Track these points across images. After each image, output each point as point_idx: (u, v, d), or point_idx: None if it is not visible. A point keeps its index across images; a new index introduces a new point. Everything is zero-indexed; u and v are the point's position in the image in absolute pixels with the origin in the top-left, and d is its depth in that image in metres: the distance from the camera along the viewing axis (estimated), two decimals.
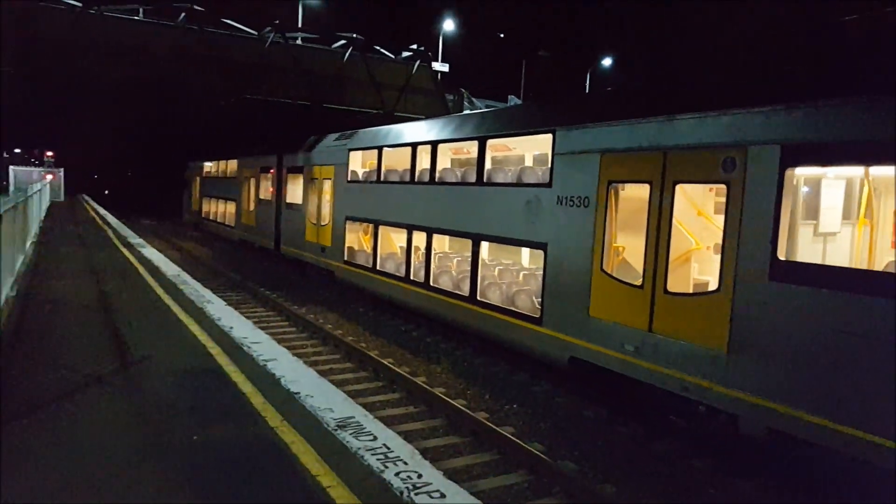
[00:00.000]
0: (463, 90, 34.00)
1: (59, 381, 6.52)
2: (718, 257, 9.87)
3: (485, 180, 12.66)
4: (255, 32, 28.24)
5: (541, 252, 10.92)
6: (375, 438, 4.73)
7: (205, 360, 7.35)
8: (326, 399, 5.58)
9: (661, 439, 9.04)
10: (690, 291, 8.77)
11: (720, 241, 8.04)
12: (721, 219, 10.01)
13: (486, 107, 31.11)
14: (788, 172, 7.08)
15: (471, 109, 33.35)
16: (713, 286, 8.08)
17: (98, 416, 5.67)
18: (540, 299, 10.95)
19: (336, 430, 4.87)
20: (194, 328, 8.76)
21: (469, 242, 13.03)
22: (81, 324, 9.09)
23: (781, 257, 7.13)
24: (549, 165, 10.74)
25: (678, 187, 8.46)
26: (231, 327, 8.48)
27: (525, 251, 14.22)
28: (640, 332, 8.80)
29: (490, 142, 12.71)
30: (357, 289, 18.08)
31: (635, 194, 9.71)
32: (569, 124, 10.31)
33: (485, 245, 12.79)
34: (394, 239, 18.19)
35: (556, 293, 10.46)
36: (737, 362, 7.54)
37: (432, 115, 29.95)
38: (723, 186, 9.02)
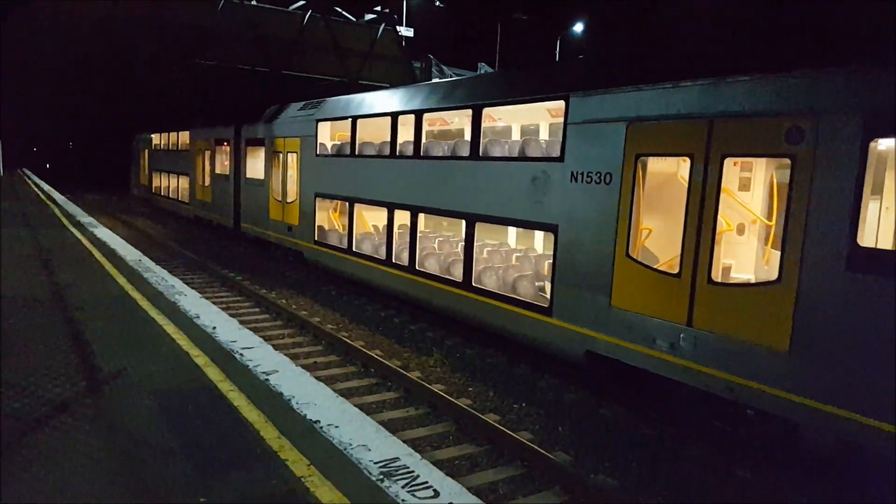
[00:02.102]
0: (431, 57, 32.47)
1: (5, 412, 5.01)
2: (760, 242, 9.11)
3: (480, 154, 11.46)
4: None
5: (550, 235, 9.83)
6: (437, 494, 3.59)
7: (192, 374, 5.98)
8: (356, 430, 4.43)
9: (694, 444, 8.14)
10: (741, 282, 7.81)
11: (779, 224, 7.09)
12: (754, 197, 9.28)
13: (456, 75, 29.76)
14: (873, 145, 6.10)
15: (440, 78, 31.93)
16: (771, 276, 7.13)
17: (65, 464, 4.26)
18: (549, 287, 9.88)
19: (382, 479, 3.73)
20: (170, 329, 7.35)
21: (462, 223, 11.87)
22: (34, 327, 7.44)
23: (862, 244, 6.18)
24: (561, 137, 9.60)
25: (727, 161, 7.43)
26: (214, 327, 7.17)
27: (530, 233, 13.15)
28: (676, 326, 7.82)
29: (486, 111, 11.48)
30: (330, 271, 16.77)
31: (671, 170, 8.69)
32: (586, 89, 9.17)
33: (482, 226, 11.62)
34: (372, 218, 16.92)
35: (570, 281, 9.41)
36: (801, 363, 6.62)
37: (399, 83, 28.49)
38: (771, 160, 8.16)
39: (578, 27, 39.56)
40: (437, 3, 46.94)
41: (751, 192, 9.23)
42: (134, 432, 4.70)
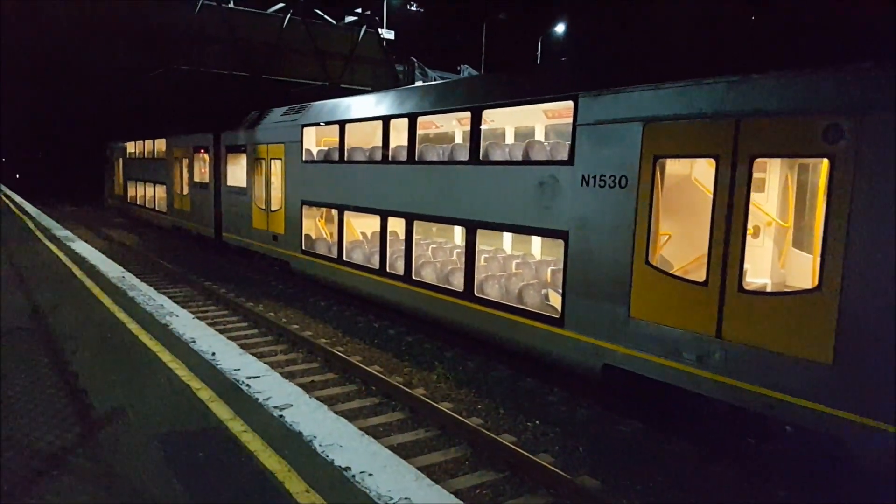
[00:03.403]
0: (414, 59, 31.89)
1: None
2: (777, 245, 8.72)
3: (481, 158, 10.95)
4: None
5: (560, 242, 9.34)
6: None
7: (197, 412, 5.31)
8: (393, 478, 3.89)
9: (719, 461, 7.70)
10: (775, 290, 7.39)
11: (804, 227, 6.69)
12: (769, 199, 8.90)
13: (442, 79, 29.22)
14: None
15: (423, 80, 31.38)
16: (808, 283, 6.71)
17: None
18: (560, 297, 9.40)
19: None
20: (166, 357, 6.65)
21: (462, 230, 11.36)
22: (15, 358, 6.63)
23: None
24: (570, 138, 9.13)
25: (757, 162, 7.01)
26: (213, 353, 6.54)
27: (527, 238, 12.66)
28: (704, 337, 7.37)
29: (486, 113, 10.98)
30: (318, 281, 16.15)
31: (692, 172, 8.26)
32: (596, 88, 8.71)
33: (483, 233, 11.11)
34: (363, 226, 16.34)
35: (583, 290, 8.93)
36: (847, 376, 6.20)
37: (382, 86, 27.87)
38: (790, 161, 7.78)
39: (560, 28, 39.35)
40: (413, 7, 46.45)
41: (765, 193, 8.86)
42: (139, 488, 4.03)
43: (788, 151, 6.96)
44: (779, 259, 8.77)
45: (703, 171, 8.69)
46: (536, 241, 13.44)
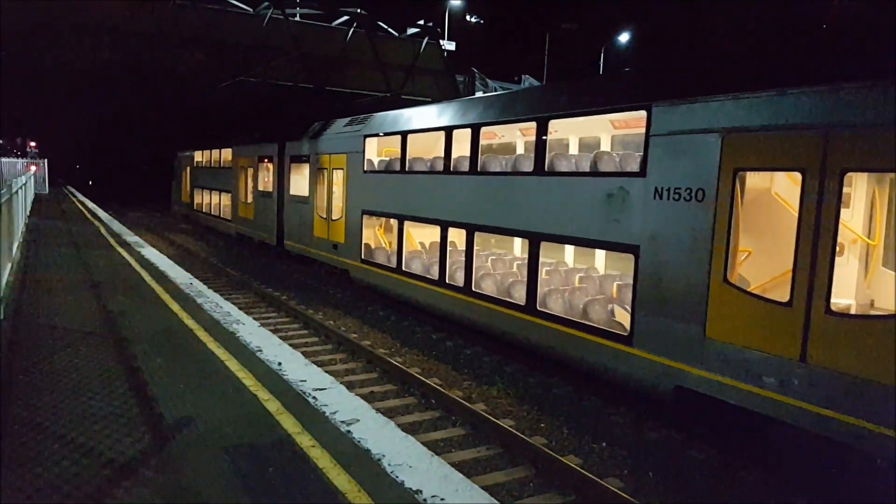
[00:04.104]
0: (475, 70, 31.81)
1: (64, 477, 4.26)
2: (861, 263, 8.21)
3: (546, 169, 10.71)
4: (251, 9, 25.92)
5: (630, 256, 9.01)
6: None
7: (265, 424, 5.26)
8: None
9: (801, 493, 7.23)
10: (868, 312, 6.92)
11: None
12: (854, 215, 8.39)
13: (503, 89, 29.06)
14: None
15: (484, 91, 31.27)
16: None
17: None
18: (630, 314, 9.05)
19: None
20: (233, 365, 6.66)
21: (526, 243, 11.11)
22: (87, 364, 6.77)
23: None
24: (643, 149, 8.81)
25: (850, 176, 6.58)
26: (279, 363, 6.49)
27: (590, 251, 12.32)
28: (787, 361, 6.94)
29: (553, 123, 10.73)
30: (376, 290, 16.12)
31: (773, 186, 7.86)
32: (672, 97, 8.38)
33: (545, 246, 10.85)
34: (423, 236, 16.26)
35: (654, 307, 8.57)
36: None
37: (443, 97, 27.90)
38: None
39: (624, 37, 38.66)
40: (472, 19, 46.48)
41: (850, 208, 8.36)
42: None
43: (883, 166, 6.51)
44: (864, 279, 8.26)
45: (783, 185, 8.27)
46: (600, 254, 13.09)
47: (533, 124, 10.94)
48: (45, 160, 54.21)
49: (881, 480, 6.69)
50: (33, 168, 49.38)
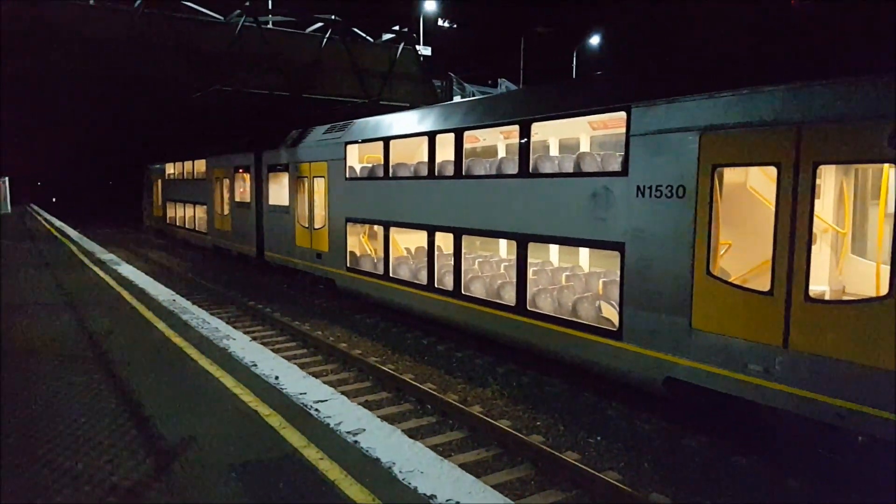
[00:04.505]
0: (452, 75, 31.95)
1: None
2: (835, 252, 8.49)
3: (531, 170, 10.89)
4: (222, 17, 25.75)
5: (616, 254, 9.22)
6: None
7: (270, 440, 5.24)
8: None
9: (791, 474, 7.49)
10: (841, 298, 7.20)
11: (881, 234, 6.51)
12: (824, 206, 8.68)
13: (480, 93, 29.22)
14: None
15: (462, 96, 31.44)
16: (873, 290, 6.53)
17: None
18: (618, 310, 9.27)
19: None
20: (229, 382, 6.68)
21: (513, 244, 11.29)
22: (76, 387, 6.60)
23: None
24: (624, 149, 9.03)
25: (820, 169, 6.84)
26: (277, 377, 6.56)
27: (574, 250, 12.54)
28: (770, 348, 7.20)
29: (535, 126, 10.91)
30: (363, 298, 16.19)
31: (747, 180, 8.11)
32: (650, 98, 8.61)
33: (534, 246, 11.04)
34: (409, 242, 16.37)
35: (642, 302, 8.79)
36: None
37: (420, 102, 27.99)
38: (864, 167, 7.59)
39: (595, 39, 39.08)
40: (445, 24, 46.59)
41: (821, 199, 8.65)
42: None
43: (852, 158, 6.78)
44: (836, 266, 8.55)
45: (758, 179, 8.54)
46: (584, 252, 13.33)
47: (516, 127, 11.12)
48: (6, 179, 53.18)
49: (864, 457, 6.97)
50: None
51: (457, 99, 29.87)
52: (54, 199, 66.46)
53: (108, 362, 7.66)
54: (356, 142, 16.22)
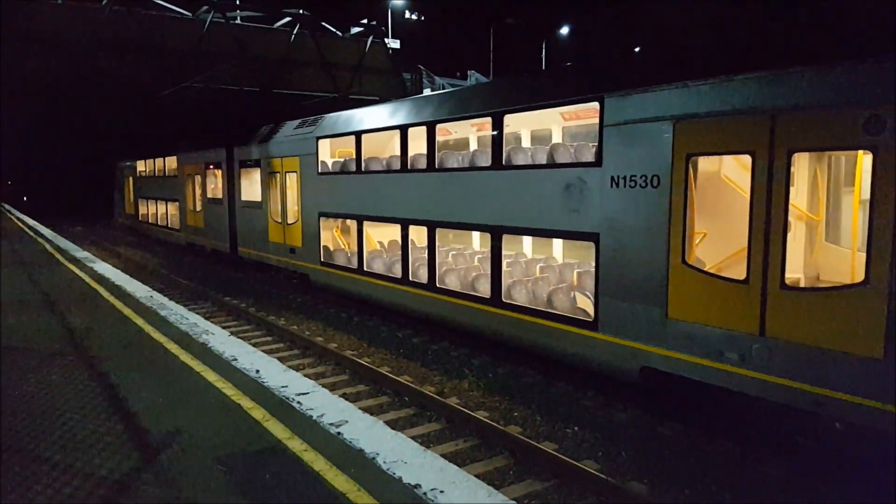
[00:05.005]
0: (422, 68, 31.90)
1: (58, 499, 4.20)
2: (810, 239, 8.61)
3: (504, 163, 10.89)
4: (189, 13, 25.41)
5: (591, 244, 9.26)
6: None
7: (254, 432, 5.24)
8: (464, 495, 3.81)
9: (768, 460, 7.59)
10: (820, 285, 7.30)
11: (856, 221, 6.61)
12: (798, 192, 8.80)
13: (450, 86, 29.19)
14: None
15: (431, 88, 31.38)
16: (849, 277, 6.63)
17: None
18: (593, 300, 9.32)
19: None
20: (211, 377, 6.59)
21: (487, 236, 11.29)
22: (59, 384, 6.56)
23: None
24: (598, 140, 9.06)
25: (795, 157, 6.93)
26: (258, 370, 6.49)
27: (547, 241, 12.57)
28: (746, 336, 7.28)
29: (507, 117, 10.91)
30: (338, 292, 16.10)
31: (721, 169, 8.19)
32: (623, 88, 8.64)
33: (508, 238, 11.05)
34: (382, 235, 16.29)
35: (617, 292, 8.84)
36: None
37: (391, 95, 27.88)
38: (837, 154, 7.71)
39: (564, 30, 39.29)
40: (413, 17, 46.51)
41: (794, 187, 8.76)
42: None
43: (827, 145, 6.88)
44: (811, 253, 8.68)
45: (733, 168, 8.62)
46: (557, 243, 13.37)
47: (488, 119, 11.10)
48: None
49: (840, 444, 7.09)
50: None
51: (427, 91, 29.81)
52: (25, 198, 65.05)
53: (89, 359, 7.56)
54: (328, 136, 16.10)
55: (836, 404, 6.61)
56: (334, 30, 28.35)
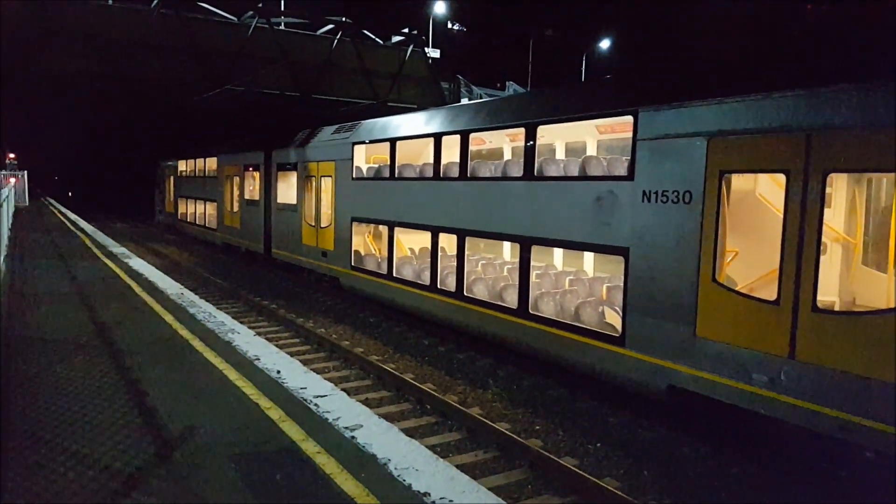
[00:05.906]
0: (460, 77, 32.00)
1: (71, 489, 4.24)
2: (846, 263, 8.39)
3: (536, 173, 10.84)
4: (235, 18, 25.91)
5: (620, 258, 9.15)
6: None
7: (269, 432, 5.28)
8: None
9: (793, 486, 7.39)
10: (853, 309, 7.10)
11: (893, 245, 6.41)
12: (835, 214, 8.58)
13: (488, 96, 29.26)
14: None
15: (469, 98, 31.47)
16: (884, 303, 6.43)
17: None
18: (621, 315, 9.19)
19: None
20: (232, 375, 6.69)
21: (517, 247, 11.24)
22: (84, 375, 6.69)
23: None
24: (630, 154, 8.96)
25: (831, 177, 6.76)
26: (279, 371, 6.55)
27: (578, 254, 12.46)
28: (776, 358, 7.10)
29: (541, 129, 10.85)
30: (367, 297, 16.18)
31: (756, 187, 8.03)
32: (658, 103, 8.54)
33: (538, 250, 10.98)
34: (413, 242, 16.34)
35: (645, 308, 8.71)
36: None
37: (428, 104, 28.03)
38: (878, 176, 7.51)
39: (605, 43, 39.06)
40: (455, 27, 46.76)
41: (831, 209, 8.55)
42: None
43: (864, 166, 6.69)
44: (847, 277, 8.45)
45: (767, 187, 8.45)
46: (588, 256, 13.25)
47: (522, 130, 11.07)
48: (25, 172, 53.59)
49: (871, 473, 6.86)
50: (13, 180, 48.77)
51: (464, 101, 29.88)
52: (70, 194, 66.89)
53: (115, 352, 7.72)
54: (363, 142, 16.24)
55: (866, 432, 6.40)
56: (375, 37, 28.65)
